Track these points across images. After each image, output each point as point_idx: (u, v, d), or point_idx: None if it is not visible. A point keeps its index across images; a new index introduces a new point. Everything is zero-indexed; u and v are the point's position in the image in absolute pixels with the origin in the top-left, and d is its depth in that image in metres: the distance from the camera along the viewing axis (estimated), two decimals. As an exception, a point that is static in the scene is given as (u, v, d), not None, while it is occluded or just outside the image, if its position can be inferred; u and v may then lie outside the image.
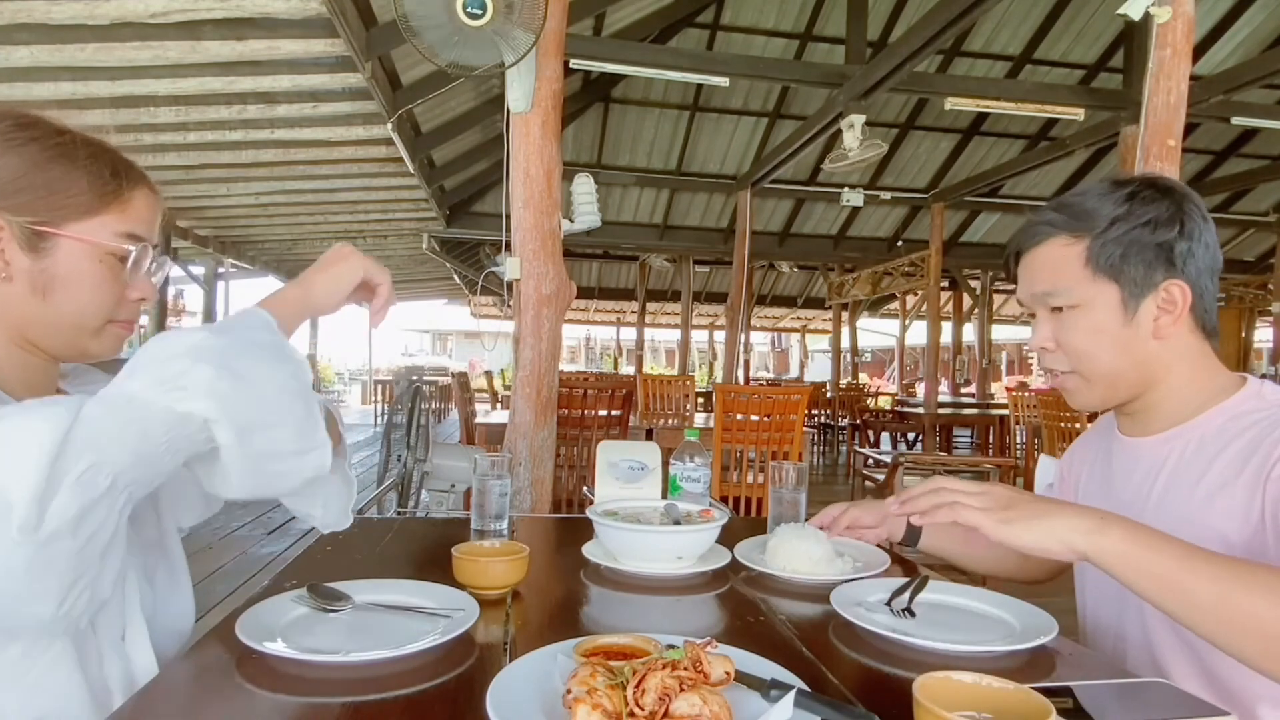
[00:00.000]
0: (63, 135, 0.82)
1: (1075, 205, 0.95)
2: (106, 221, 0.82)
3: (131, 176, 0.85)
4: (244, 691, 0.74)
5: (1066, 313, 0.95)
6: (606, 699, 0.61)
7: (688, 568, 1.20)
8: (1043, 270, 0.97)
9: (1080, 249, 0.93)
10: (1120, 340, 0.93)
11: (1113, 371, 0.95)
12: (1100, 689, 0.74)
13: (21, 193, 0.78)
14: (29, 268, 0.79)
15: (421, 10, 2.72)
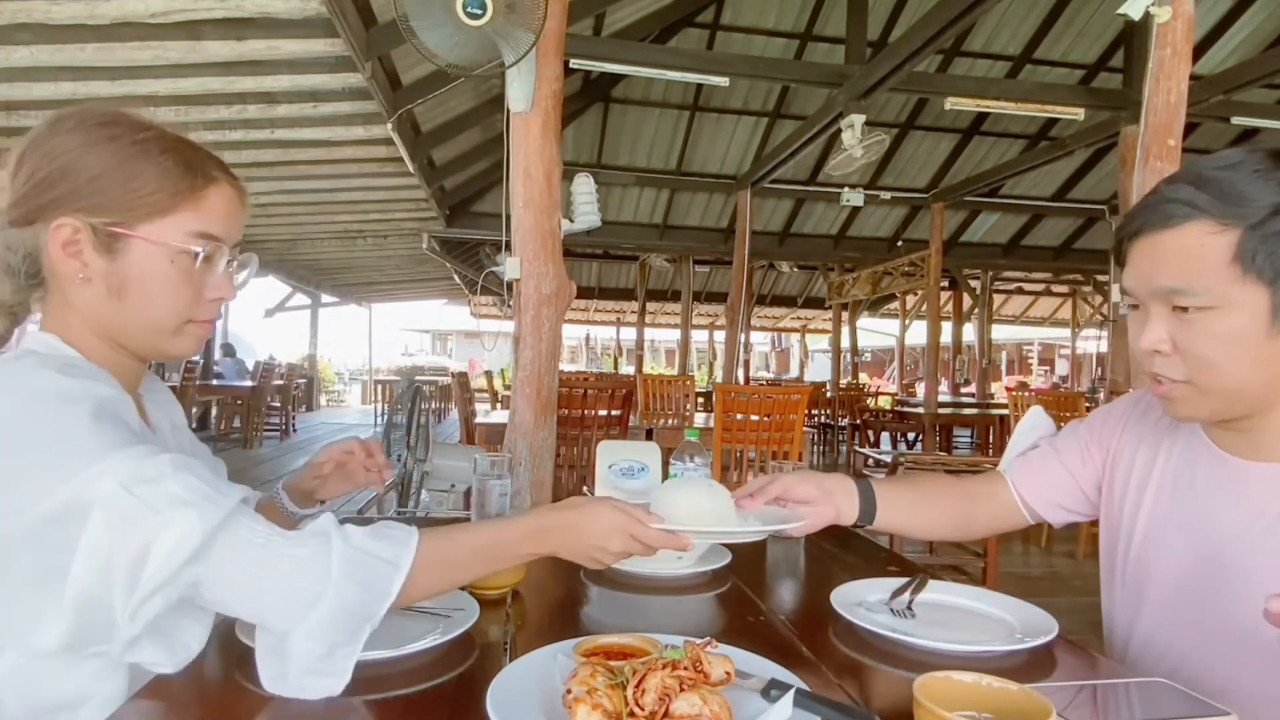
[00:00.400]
0: (143, 132, 0.82)
1: (1223, 182, 0.77)
2: (180, 221, 0.82)
3: (207, 172, 0.84)
4: (244, 691, 0.74)
5: (1195, 314, 0.79)
6: (606, 699, 0.61)
7: (688, 568, 1.20)
8: (1174, 260, 0.80)
9: (1229, 241, 0.76)
10: (1259, 353, 0.78)
11: (1240, 386, 0.81)
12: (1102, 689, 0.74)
13: (98, 194, 0.79)
14: (105, 269, 0.80)
15: (421, 10, 2.72)
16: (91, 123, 0.80)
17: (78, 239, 0.79)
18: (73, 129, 0.80)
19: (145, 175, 0.80)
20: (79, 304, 0.81)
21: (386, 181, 6.70)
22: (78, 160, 0.78)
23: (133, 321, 0.83)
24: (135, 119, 0.83)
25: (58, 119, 0.81)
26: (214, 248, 0.85)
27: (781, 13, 7.03)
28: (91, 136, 0.80)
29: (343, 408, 16.93)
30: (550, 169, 2.95)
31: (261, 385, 9.17)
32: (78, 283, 0.80)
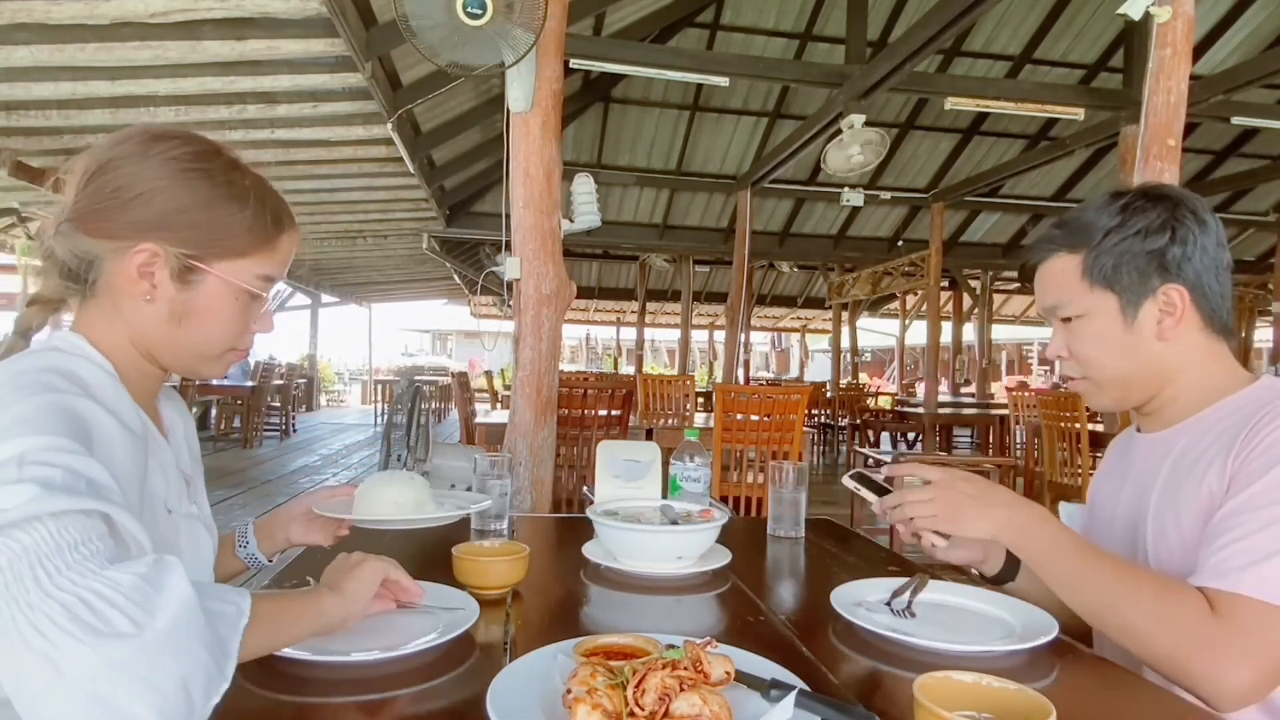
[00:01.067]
0: (232, 172, 0.85)
1: (1074, 221, 1.00)
2: (254, 264, 0.86)
3: (284, 222, 0.89)
4: (244, 691, 0.74)
5: (1074, 323, 1.00)
6: (606, 699, 0.61)
7: (688, 568, 1.20)
8: (1048, 285, 1.03)
9: (1077, 262, 0.98)
10: (1124, 345, 0.97)
11: (1121, 375, 0.99)
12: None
13: (185, 227, 0.81)
14: (173, 295, 0.82)
15: (421, 10, 2.72)
16: (186, 154, 0.82)
17: (154, 264, 0.81)
18: (166, 158, 0.81)
19: (234, 218, 0.84)
20: (133, 319, 0.83)
21: (386, 181, 6.70)
22: (171, 187, 0.80)
23: (184, 345, 0.86)
24: (226, 157, 0.86)
25: (152, 139, 0.82)
26: (272, 289, 0.90)
27: (781, 13, 7.03)
28: (188, 165, 0.82)
29: (343, 408, 16.93)
30: (550, 169, 2.95)
31: (261, 385, 9.17)
32: (141, 302, 0.82)
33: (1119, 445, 1.15)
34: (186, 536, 0.87)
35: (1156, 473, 0.98)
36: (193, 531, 0.89)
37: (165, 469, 0.86)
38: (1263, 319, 9.88)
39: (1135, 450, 1.07)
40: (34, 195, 6.06)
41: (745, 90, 7.87)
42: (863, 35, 5.28)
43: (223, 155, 0.85)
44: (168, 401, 0.98)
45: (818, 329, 17.70)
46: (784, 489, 1.48)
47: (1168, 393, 0.98)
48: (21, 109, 4.51)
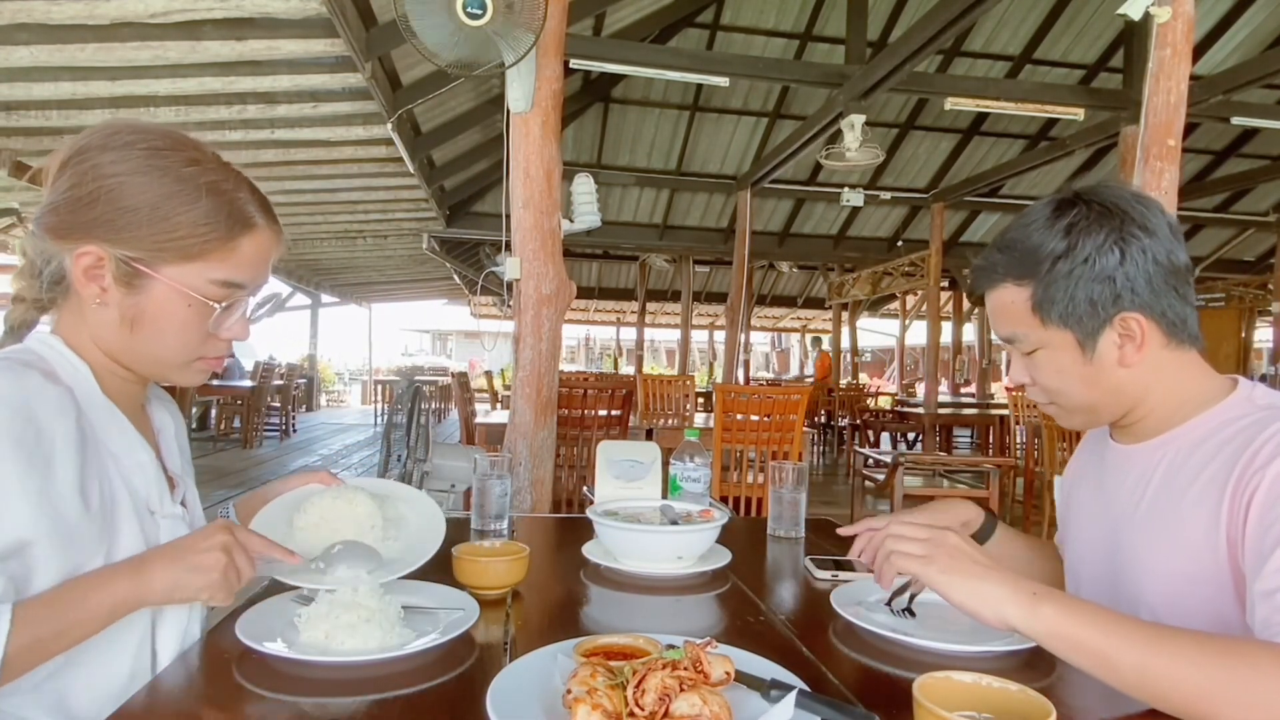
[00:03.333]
0: (192, 166, 0.81)
1: (1017, 244, 0.92)
2: (205, 269, 0.81)
3: (246, 220, 0.83)
4: (244, 691, 0.74)
5: (1033, 354, 0.95)
6: (606, 699, 0.61)
7: (688, 568, 1.20)
8: (998, 317, 0.96)
9: (1026, 296, 0.91)
10: (1086, 377, 0.92)
11: (1087, 403, 0.95)
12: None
13: (129, 228, 0.78)
14: (121, 300, 0.80)
15: (421, 10, 2.72)
16: (143, 145, 0.79)
17: (100, 267, 0.79)
18: (123, 148, 0.79)
19: (181, 218, 0.79)
20: (92, 323, 0.82)
21: (386, 181, 6.70)
22: (119, 186, 0.77)
23: (141, 352, 0.83)
24: (189, 148, 0.82)
25: (113, 132, 0.80)
26: (234, 297, 0.85)
27: (781, 13, 7.03)
28: (140, 163, 0.78)
29: (343, 408, 16.92)
30: (550, 169, 2.95)
31: (261, 385, 9.17)
32: (95, 305, 0.80)
33: (1092, 448, 1.10)
34: (168, 536, 0.85)
35: (1139, 491, 0.94)
36: (175, 531, 0.87)
37: (145, 469, 0.85)
38: (1263, 319, 9.88)
39: (1111, 461, 1.01)
40: (34, 195, 6.05)
41: (745, 90, 7.87)
42: (863, 35, 5.28)
43: (183, 147, 0.81)
44: (159, 403, 0.97)
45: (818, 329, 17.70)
46: (784, 489, 1.48)
47: (1139, 411, 0.94)
48: (21, 109, 4.51)
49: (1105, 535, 0.99)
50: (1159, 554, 0.89)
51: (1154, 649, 0.70)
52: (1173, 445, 0.92)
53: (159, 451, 0.92)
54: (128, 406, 0.87)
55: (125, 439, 0.84)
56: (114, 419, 0.83)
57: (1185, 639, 0.71)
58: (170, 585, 0.76)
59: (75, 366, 0.81)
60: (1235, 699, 0.67)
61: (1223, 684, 0.68)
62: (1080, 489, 1.10)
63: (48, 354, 0.81)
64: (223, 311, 0.84)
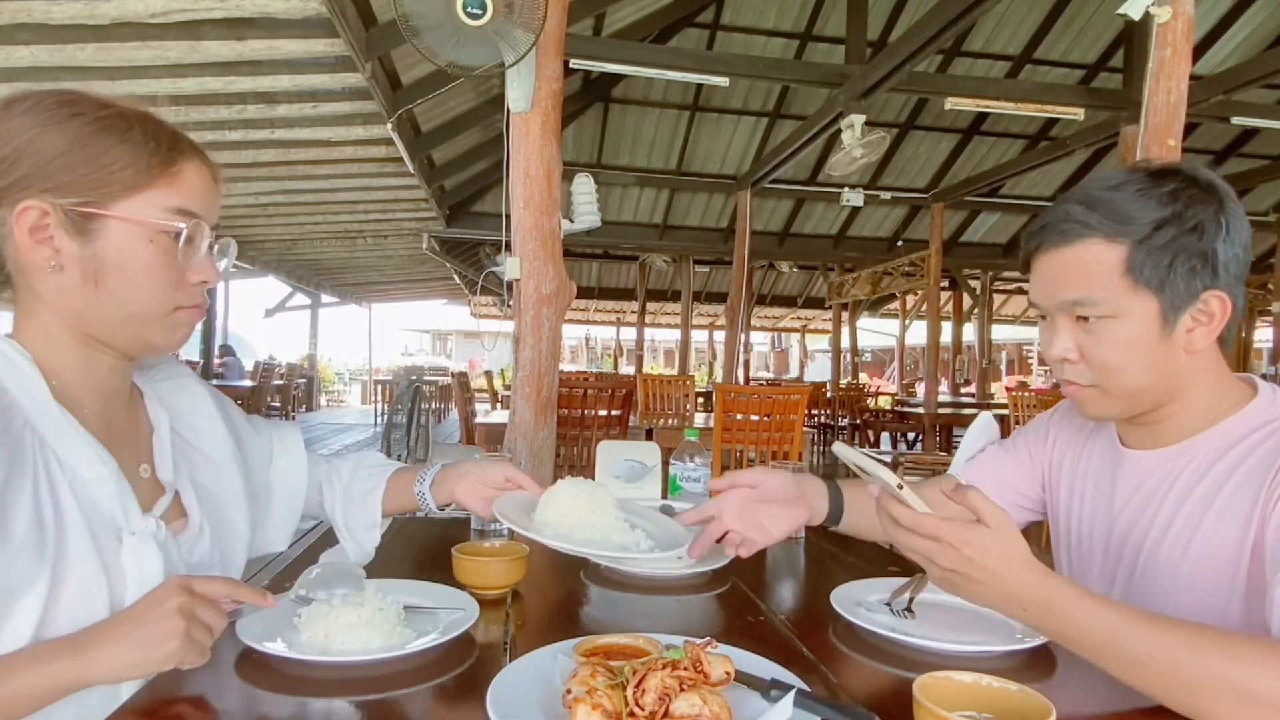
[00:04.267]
0: (106, 109, 0.76)
1: (1110, 203, 0.84)
2: (155, 197, 0.76)
3: (180, 147, 0.79)
4: (244, 691, 0.74)
5: (1096, 323, 0.86)
6: (606, 699, 0.61)
7: (688, 568, 1.20)
8: (1073, 275, 0.86)
9: (1119, 254, 0.83)
10: (1154, 356, 0.85)
11: (1140, 386, 0.87)
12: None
13: (63, 172, 0.73)
14: (79, 254, 0.74)
15: (421, 10, 2.72)
16: (49, 101, 0.75)
17: (46, 223, 0.73)
18: (29, 109, 0.75)
19: (115, 150, 0.74)
20: (51, 298, 0.76)
21: (386, 181, 6.70)
22: (39, 138, 0.73)
23: (113, 311, 0.77)
24: (95, 97, 0.77)
25: (10, 100, 0.76)
26: (195, 225, 0.79)
27: (781, 13, 7.03)
28: (52, 116, 0.74)
29: (343, 408, 16.93)
30: (550, 169, 2.95)
31: (261, 385, 9.18)
32: (48, 271, 0.74)
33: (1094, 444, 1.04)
34: (131, 558, 0.77)
35: (1157, 500, 0.91)
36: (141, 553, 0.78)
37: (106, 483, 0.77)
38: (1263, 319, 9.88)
39: (1123, 468, 0.97)
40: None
41: (745, 90, 7.87)
42: (863, 35, 5.28)
43: (88, 97, 0.77)
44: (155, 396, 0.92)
45: (818, 329, 17.70)
46: (784, 489, 1.47)
47: (1171, 408, 0.89)
48: (21, 109, 4.51)
49: (1115, 541, 0.97)
50: (1178, 564, 0.87)
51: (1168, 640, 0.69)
52: (1196, 453, 0.89)
53: (151, 455, 0.87)
54: (101, 405, 0.81)
55: (81, 450, 0.76)
56: (67, 427, 0.75)
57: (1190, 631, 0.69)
58: (121, 665, 0.68)
59: (23, 370, 0.75)
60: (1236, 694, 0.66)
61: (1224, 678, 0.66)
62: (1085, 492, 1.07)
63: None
64: (186, 247, 0.78)
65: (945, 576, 0.75)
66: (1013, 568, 0.72)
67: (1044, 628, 0.74)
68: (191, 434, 0.94)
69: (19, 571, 0.69)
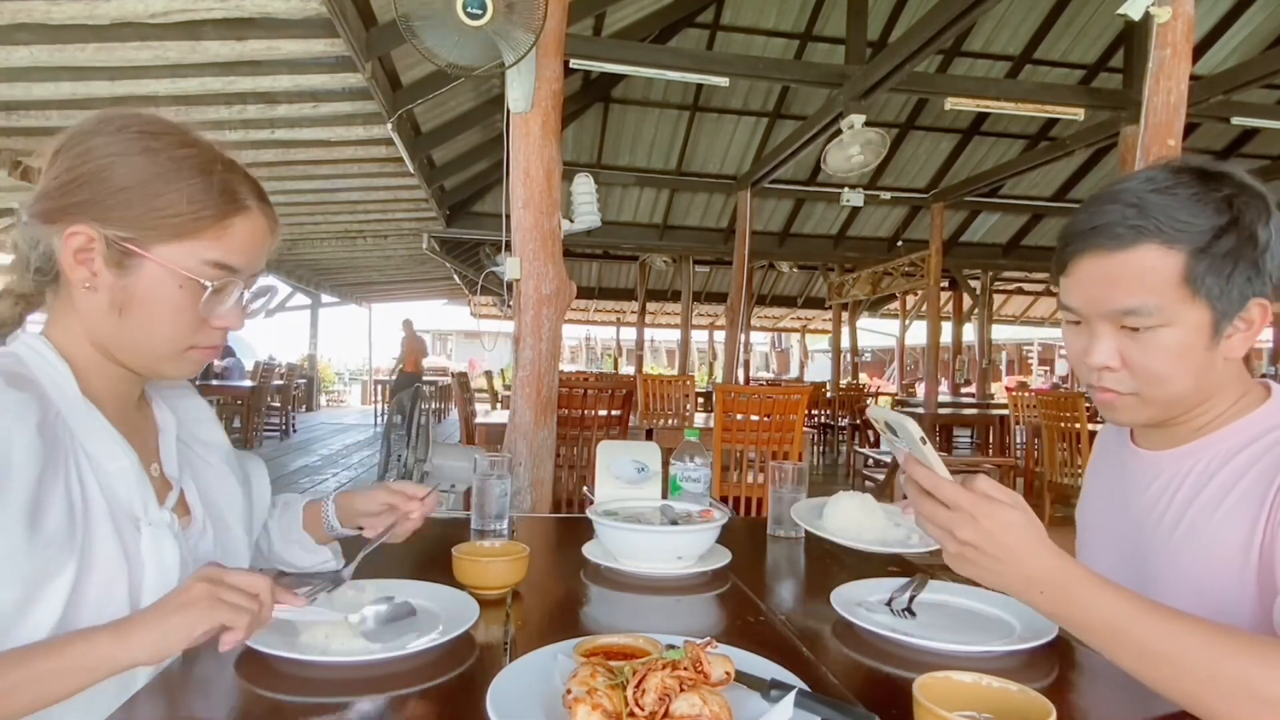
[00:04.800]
0: (184, 148, 0.80)
1: (1165, 207, 0.80)
2: (197, 248, 0.79)
3: (239, 200, 0.82)
4: (244, 692, 0.74)
5: (1144, 331, 0.82)
6: (606, 699, 0.61)
7: (688, 568, 1.20)
8: (1126, 282, 0.82)
9: (1177, 262, 0.79)
10: (1200, 364, 0.83)
11: (1182, 395, 0.85)
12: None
13: (119, 208, 0.76)
14: (111, 282, 0.78)
15: (421, 10, 2.72)
16: (133, 129, 0.78)
17: (91, 248, 0.77)
18: (114, 132, 0.78)
19: (171, 195, 0.77)
20: (82, 311, 0.80)
21: (386, 181, 6.70)
22: (109, 168, 0.76)
23: (130, 339, 0.80)
24: (180, 132, 0.81)
25: (104, 118, 0.79)
26: (227, 280, 0.82)
27: (781, 13, 7.03)
28: (130, 145, 0.77)
29: (343, 408, 16.93)
30: (550, 169, 2.95)
31: (261, 385, 9.17)
32: (84, 290, 0.78)
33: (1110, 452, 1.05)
34: (150, 548, 0.81)
35: (1165, 499, 0.91)
36: (160, 541, 0.82)
37: (126, 475, 0.81)
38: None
39: (1134, 467, 0.97)
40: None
41: (745, 90, 7.87)
42: (863, 35, 5.28)
43: (172, 131, 0.80)
44: (165, 401, 0.95)
45: (818, 329, 17.70)
46: (784, 489, 1.47)
47: (1197, 410, 0.88)
48: (21, 109, 4.51)
49: (1123, 542, 0.97)
50: (1186, 564, 0.87)
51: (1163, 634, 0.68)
52: (1205, 454, 0.89)
53: (158, 454, 0.90)
54: (116, 406, 0.84)
55: (105, 443, 0.80)
56: (93, 421, 0.80)
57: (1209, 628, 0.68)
58: (157, 638, 0.70)
59: (54, 365, 0.79)
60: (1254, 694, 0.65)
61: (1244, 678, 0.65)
62: (1094, 494, 1.07)
63: (25, 354, 0.79)
64: (214, 294, 0.81)
65: (962, 552, 0.72)
66: (1032, 547, 0.71)
67: (1059, 614, 0.72)
68: (192, 439, 0.97)
69: (48, 560, 0.72)
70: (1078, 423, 4.45)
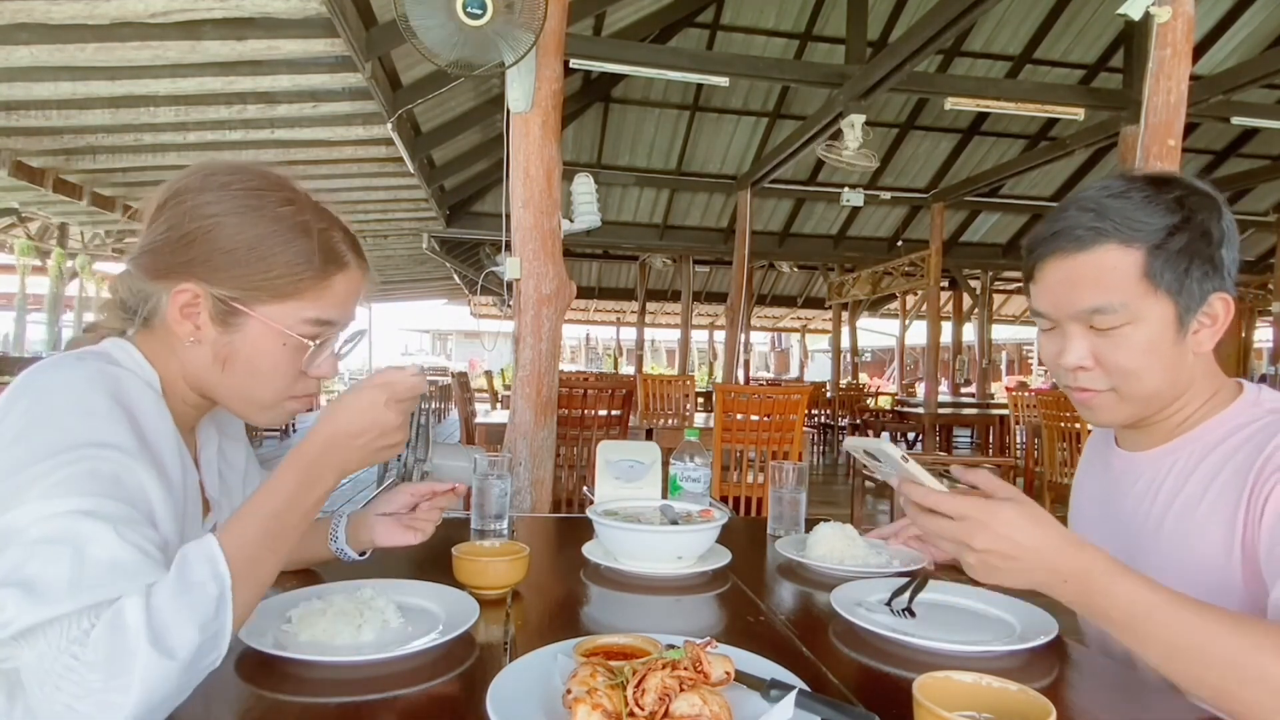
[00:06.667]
0: (287, 205, 0.81)
1: (1120, 210, 0.85)
2: (300, 307, 0.81)
3: (339, 259, 0.84)
4: (244, 691, 0.75)
5: (1115, 330, 0.86)
6: (606, 699, 0.61)
7: (688, 568, 1.20)
8: (1089, 282, 0.86)
9: (1136, 259, 0.84)
10: (1171, 359, 0.86)
11: (1157, 390, 0.88)
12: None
13: (226, 268, 0.78)
14: (215, 338, 0.80)
15: (421, 10, 2.72)
16: (239, 186, 0.80)
17: (197, 304, 0.79)
18: (219, 189, 0.79)
19: (277, 259, 0.79)
20: (184, 359, 0.81)
21: (386, 181, 6.70)
22: (216, 228, 0.78)
23: (232, 390, 0.83)
24: (284, 188, 0.82)
25: (209, 173, 0.81)
26: (326, 334, 0.84)
27: (781, 13, 7.03)
28: (237, 203, 0.79)
29: (343, 408, 16.90)
30: (550, 169, 2.95)
31: (261, 385, 9.16)
32: (189, 343, 0.80)
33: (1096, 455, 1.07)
34: None
35: (1148, 499, 0.93)
36: None
37: (187, 490, 0.83)
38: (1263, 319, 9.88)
39: (1118, 469, 0.99)
40: (34, 195, 6.06)
41: (745, 90, 7.87)
42: (863, 35, 5.28)
43: (277, 187, 0.82)
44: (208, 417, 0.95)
45: (818, 329, 17.70)
46: (784, 489, 1.47)
47: (1173, 407, 0.91)
48: (21, 109, 4.51)
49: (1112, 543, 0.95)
50: (1172, 563, 0.88)
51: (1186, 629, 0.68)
52: (1182, 452, 0.91)
53: (200, 470, 0.90)
54: (182, 425, 0.85)
55: (174, 458, 0.81)
56: (167, 431, 0.81)
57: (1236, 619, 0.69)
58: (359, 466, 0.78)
59: (146, 380, 0.81)
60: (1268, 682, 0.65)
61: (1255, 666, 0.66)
62: (1082, 497, 1.08)
63: (124, 359, 0.80)
64: (315, 349, 0.84)
65: (983, 560, 0.73)
66: (1049, 537, 0.72)
67: (1084, 602, 0.73)
68: (222, 457, 0.97)
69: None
70: (1077, 423, 4.45)
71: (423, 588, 1.00)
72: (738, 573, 1.22)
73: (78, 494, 0.64)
